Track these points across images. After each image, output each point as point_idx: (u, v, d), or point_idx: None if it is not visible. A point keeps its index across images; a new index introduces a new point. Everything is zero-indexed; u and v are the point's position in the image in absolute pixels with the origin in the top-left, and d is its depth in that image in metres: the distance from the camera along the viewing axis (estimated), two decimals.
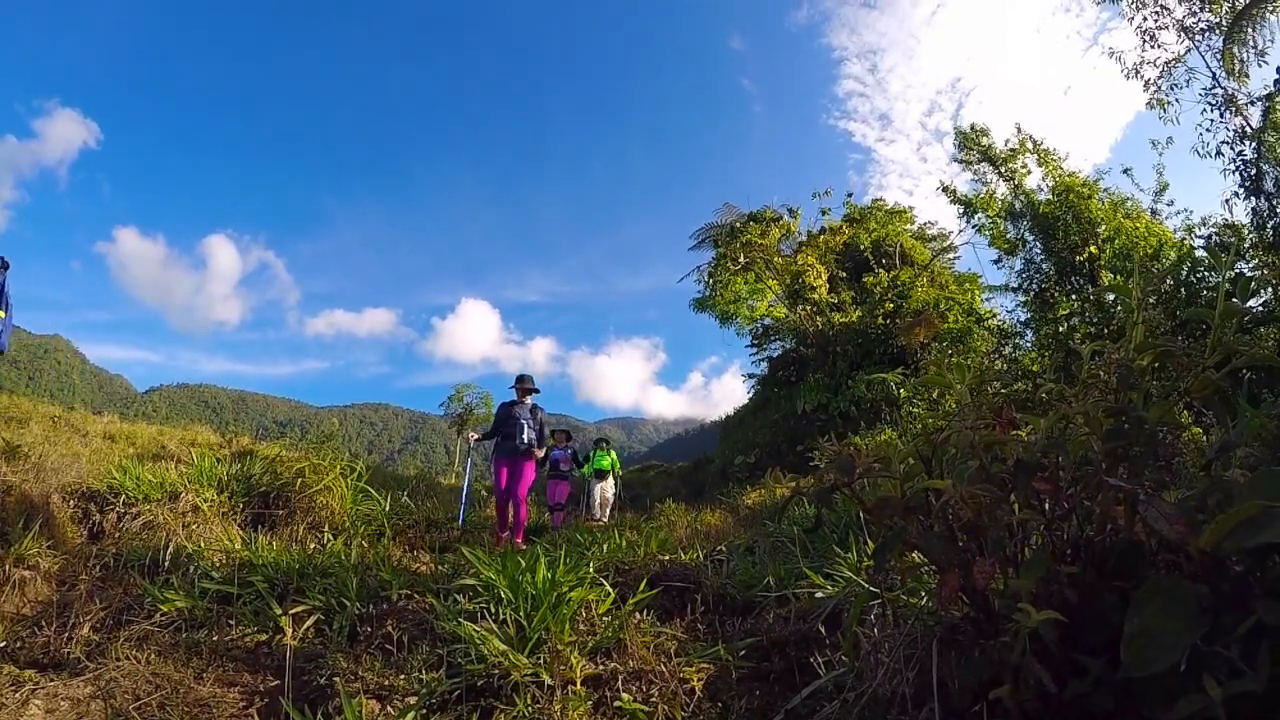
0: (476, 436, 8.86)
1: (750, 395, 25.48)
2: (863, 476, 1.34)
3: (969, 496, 1.13)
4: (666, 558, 4.12)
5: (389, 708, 2.28)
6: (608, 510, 13.21)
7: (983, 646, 1.21)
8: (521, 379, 8.36)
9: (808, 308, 21.29)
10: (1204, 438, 1.47)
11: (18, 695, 2.34)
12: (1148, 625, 1.00)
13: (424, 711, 2.19)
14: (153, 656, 2.67)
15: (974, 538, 1.25)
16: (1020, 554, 1.30)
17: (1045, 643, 1.09)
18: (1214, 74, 14.68)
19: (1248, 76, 14.38)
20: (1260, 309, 11.02)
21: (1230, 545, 1.02)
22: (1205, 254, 13.12)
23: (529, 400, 8.26)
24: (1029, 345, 16.94)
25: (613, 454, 14.61)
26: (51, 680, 2.50)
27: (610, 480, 13.80)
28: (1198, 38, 14.96)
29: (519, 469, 7.75)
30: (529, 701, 2.17)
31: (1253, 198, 13.68)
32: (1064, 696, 1.05)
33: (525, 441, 7.84)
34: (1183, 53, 15.36)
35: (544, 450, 8.22)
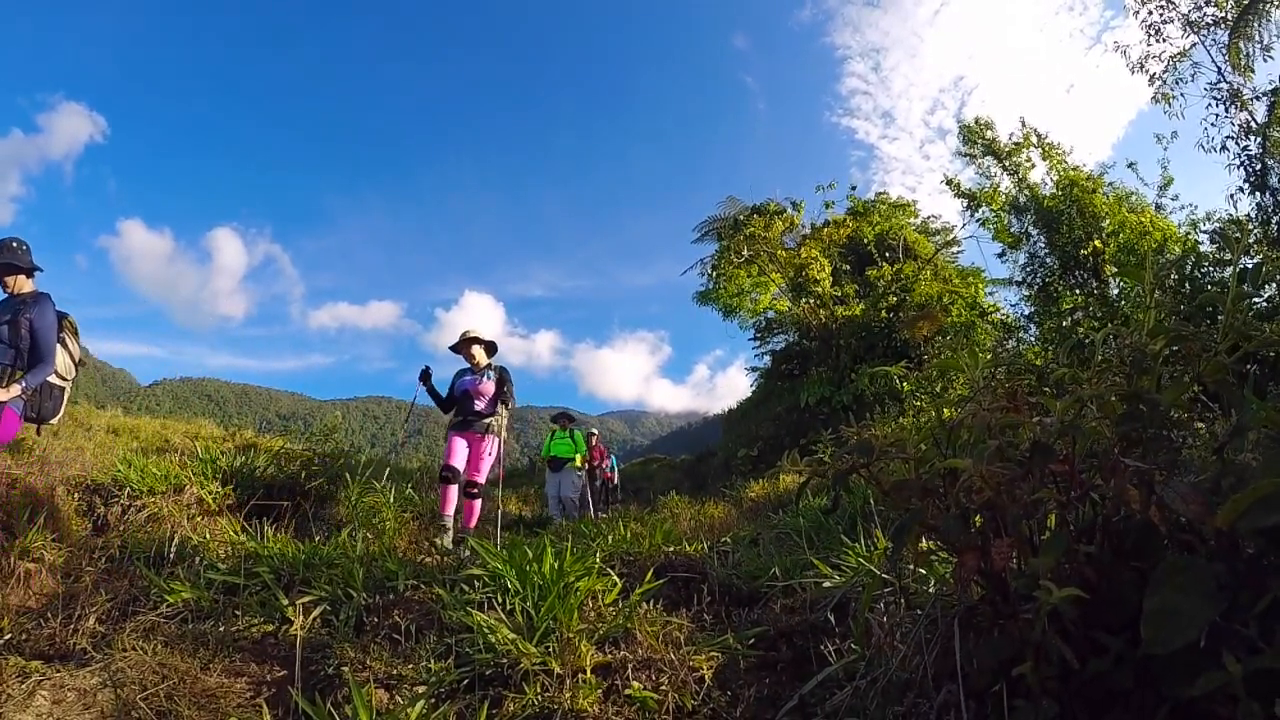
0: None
1: (753, 389, 25.42)
2: (879, 459, 1.34)
3: (989, 475, 1.14)
4: (671, 549, 4.13)
5: (398, 697, 2.28)
6: (569, 506, 9.84)
7: (1002, 627, 1.22)
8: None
9: (811, 301, 21.22)
10: (1206, 434, 1.47)
11: (24, 686, 2.35)
12: (1167, 603, 1.00)
13: (433, 700, 2.19)
14: (159, 647, 2.67)
15: (991, 519, 1.26)
16: (1036, 535, 1.30)
17: (1065, 622, 1.09)
18: (1219, 68, 14.63)
19: (1253, 71, 14.34)
20: (1264, 304, 11.03)
21: (1245, 525, 1.02)
22: (1210, 249, 13.12)
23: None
24: (1032, 340, 16.92)
25: (578, 435, 10.55)
26: (58, 671, 2.50)
27: (573, 474, 10.07)
28: (1203, 32, 14.91)
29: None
30: (539, 689, 2.17)
31: (1257, 193, 13.66)
32: (1085, 674, 1.06)
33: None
34: (1188, 47, 15.30)
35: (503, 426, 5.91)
